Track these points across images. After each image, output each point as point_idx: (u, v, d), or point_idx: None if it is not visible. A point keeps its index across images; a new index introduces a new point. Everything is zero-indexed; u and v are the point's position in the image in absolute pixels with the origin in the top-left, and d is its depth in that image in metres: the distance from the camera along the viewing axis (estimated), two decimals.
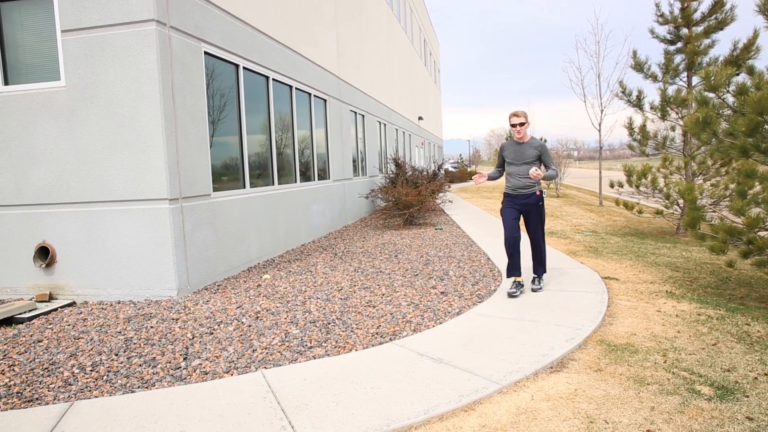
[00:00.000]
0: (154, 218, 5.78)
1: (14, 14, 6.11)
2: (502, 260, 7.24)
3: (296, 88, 9.74)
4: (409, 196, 11.66)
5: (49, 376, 3.86)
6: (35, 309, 5.68)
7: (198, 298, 5.78)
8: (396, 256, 8.00)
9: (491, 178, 5.76)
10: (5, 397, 3.54)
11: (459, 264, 7.19)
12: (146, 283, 5.88)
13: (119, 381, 3.72)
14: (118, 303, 5.79)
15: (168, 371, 3.86)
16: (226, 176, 7.19)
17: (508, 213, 5.53)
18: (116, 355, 4.20)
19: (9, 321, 5.34)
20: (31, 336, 4.79)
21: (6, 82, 6.14)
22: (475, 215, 13.78)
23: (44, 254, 6.09)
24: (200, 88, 6.50)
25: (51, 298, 6.07)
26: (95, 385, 3.67)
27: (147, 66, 5.69)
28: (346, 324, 4.72)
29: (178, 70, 6.01)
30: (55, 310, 5.68)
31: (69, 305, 5.87)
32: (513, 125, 5.46)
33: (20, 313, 5.46)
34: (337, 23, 12.47)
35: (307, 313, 5.05)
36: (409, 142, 23.74)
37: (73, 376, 3.84)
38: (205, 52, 6.67)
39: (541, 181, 5.58)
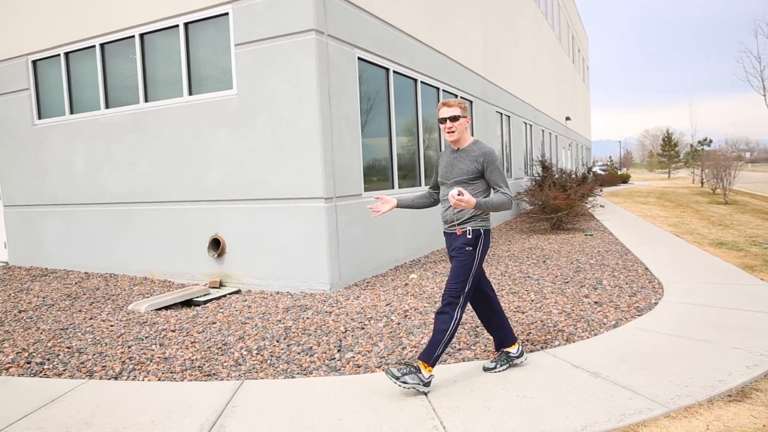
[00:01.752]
0: (310, 216, 6.15)
1: (197, 33, 6.85)
2: (662, 271, 6.65)
3: (443, 90, 9.79)
4: (557, 200, 11.18)
5: (222, 355, 4.26)
6: (208, 294, 6.33)
7: (349, 293, 6.05)
8: (544, 261, 7.71)
9: (402, 204, 3.84)
10: (189, 369, 3.98)
11: (613, 273, 6.74)
12: (302, 277, 6.27)
13: (281, 366, 4.01)
14: (277, 293, 6.24)
15: (324, 361, 4.07)
16: (375, 177, 7.44)
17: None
18: (277, 341, 4.53)
19: (189, 303, 6.00)
20: (206, 318, 5.33)
21: (190, 93, 6.91)
22: (629, 221, 12.84)
23: (216, 245, 6.76)
24: (354, 92, 6.79)
25: (221, 285, 6.72)
26: (261, 368, 3.99)
27: (306, 73, 6.06)
28: None
29: (334, 76, 6.33)
30: (225, 296, 6.28)
31: (235, 292, 6.45)
32: (441, 120, 3.58)
33: (197, 297, 6.12)
34: (483, 23, 12.34)
35: None
36: (555, 144, 22.80)
37: (242, 357, 4.21)
38: (359, 58, 6.96)
39: (479, 212, 3.51)
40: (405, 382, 3.33)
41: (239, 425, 3.09)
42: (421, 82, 8.84)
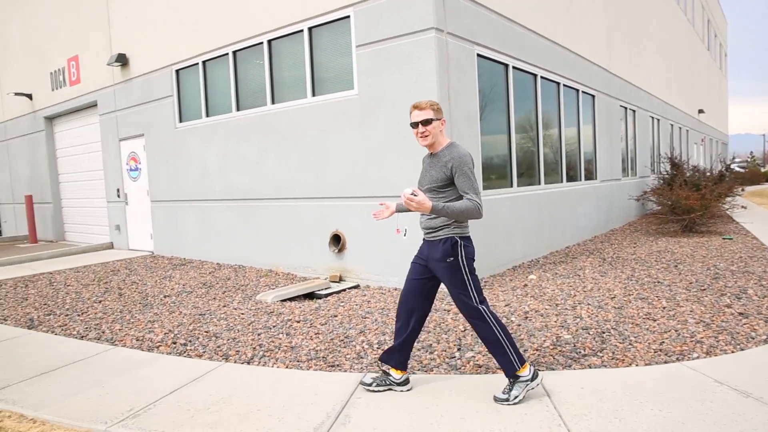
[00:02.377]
0: None
1: (320, 36, 7.13)
2: None
3: (564, 85, 9.41)
4: (690, 200, 10.32)
5: (345, 347, 4.41)
6: (329, 288, 6.58)
7: None
8: (675, 266, 7.16)
9: (400, 209, 3.64)
10: (314, 359, 4.17)
11: (760, 282, 6.10)
12: None
13: None
14: (395, 289, 6.35)
15: (444, 359, 4.07)
16: (494, 174, 7.32)
17: (411, 268, 3.57)
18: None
19: (311, 295, 6.28)
20: (328, 311, 5.55)
21: (313, 94, 7.22)
22: None
23: (337, 241, 7.00)
24: (473, 89, 6.72)
25: (341, 279, 6.95)
26: None
27: (426, 71, 6.09)
28: (623, 335, 4.38)
29: (454, 73, 6.31)
30: (344, 290, 6.49)
31: (354, 287, 6.65)
32: (413, 125, 3.32)
33: (319, 290, 6.39)
34: (607, 12, 11.67)
35: (578, 319, 4.83)
36: (686, 139, 21.06)
37: (363, 350, 4.33)
38: (478, 54, 6.87)
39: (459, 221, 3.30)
40: (516, 396, 3.25)
41: (363, 416, 3.18)
42: (541, 77, 8.56)
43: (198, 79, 8.93)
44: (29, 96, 13.52)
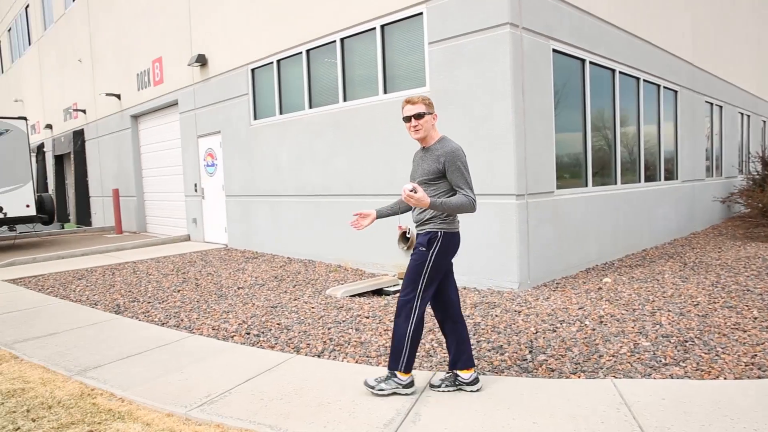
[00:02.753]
0: (500, 212, 6.07)
1: (392, 34, 7.15)
2: None
3: (643, 80, 8.98)
4: None
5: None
6: (397, 284, 6.60)
7: (538, 293, 5.86)
8: None
9: (382, 214, 3.72)
10: (384, 355, 4.19)
11: None
12: (489, 273, 6.22)
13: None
14: (464, 288, 6.28)
15: (515, 361, 3.99)
16: (568, 173, 7.09)
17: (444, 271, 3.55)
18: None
19: (379, 292, 6.33)
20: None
21: (384, 91, 7.25)
22: None
23: (405, 238, 7.01)
24: (548, 85, 6.53)
25: None
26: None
27: (500, 67, 5.97)
28: (709, 345, 4.13)
29: (529, 69, 6.15)
30: None
31: None
32: (405, 119, 3.39)
33: (387, 287, 6.42)
34: (692, 2, 11.03)
35: (658, 326, 4.60)
36: None
37: (433, 349, 4.31)
38: (553, 50, 6.67)
39: (446, 215, 3.36)
40: (382, 390, 3.41)
41: (433, 415, 3.16)
42: (620, 72, 8.20)
43: (272, 78, 9.17)
44: (118, 96, 14.36)
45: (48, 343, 4.88)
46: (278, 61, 9.02)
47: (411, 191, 3.12)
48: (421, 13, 6.72)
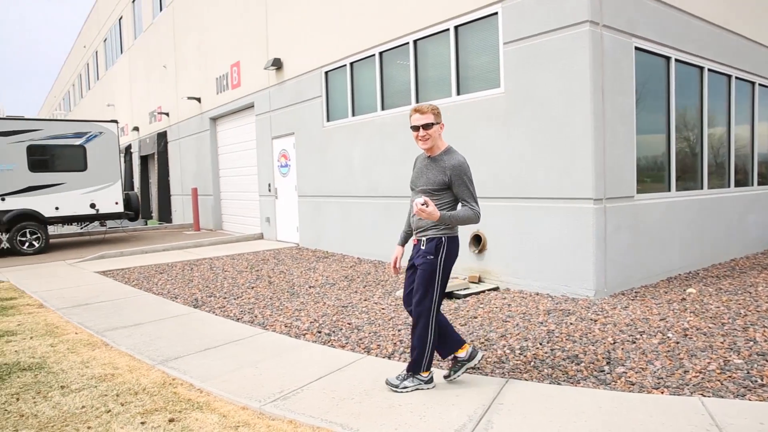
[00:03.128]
0: (577, 217, 5.86)
1: (466, 35, 7.07)
2: None
3: (735, 78, 8.42)
4: None
5: (486, 350, 4.33)
6: (468, 288, 6.51)
7: (615, 302, 5.61)
8: None
9: (405, 241, 3.92)
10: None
11: None
12: (563, 280, 6.02)
13: (545, 370, 3.89)
14: (536, 294, 6.11)
15: (591, 372, 3.83)
16: (649, 178, 6.76)
17: (407, 275, 3.72)
18: (540, 344, 4.42)
19: (450, 295, 6.26)
20: (467, 311, 5.49)
21: (458, 93, 7.18)
22: None
23: (477, 241, 6.91)
24: (629, 85, 6.25)
25: (480, 280, 6.85)
26: (524, 368, 3.93)
27: (578, 67, 5.77)
28: None
29: (609, 69, 5.91)
30: (483, 292, 6.38)
31: (493, 289, 6.51)
32: (413, 128, 3.46)
33: (458, 290, 6.35)
34: None
35: (752, 342, 4.29)
36: None
37: (505, 355, 4.21)
38: (636, 47, 6.37)
39: (448, 226, 3.46)
40: (405, 387, 3.53)
41: (506, 424, 3.08)
42: (708, 69, 7.73)
43: (345, 80, 9.30)
44: (198, 99, 15.04)
45: (134, 332, 5.17)
46: (351, 64, 9.14)
47: (423, 205, 3.24)
48: (495, 13, 6.61)
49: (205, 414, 3.36)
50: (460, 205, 3.49)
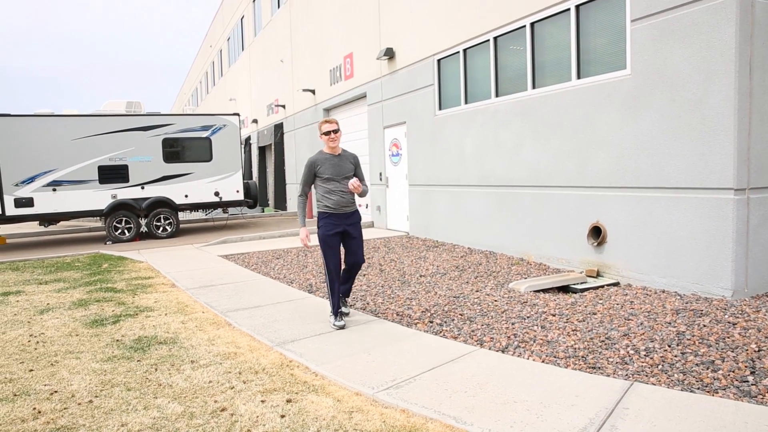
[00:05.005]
0: (712, 209, 5.32)
1: (588, 14, 6.64)
2: None
3: None
4: None
5: (606, 349, 4.06)
6: (585, 282, 6.17)
7: (759, 304, 5.03)
8: None
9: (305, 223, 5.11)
10: (572, 357, 3.93)
11: None
12: (695, 277, 5.51)
13: (676, 375, 3.57)
14: (663, 292, 5.65)
15: (731, 381, 3.46)
16: None
17: (335, 239, 4.93)
18: (669, 346, 4.07)
19: (565, 289, 5.97)
20: (585, 307, 5.19)
21: (578, 77, 6.78)
22: None
23: (596, 233, 6.52)
24: None
25: (598, 274, 6.47)
26: (650, 371, 3.64)
27: (721, 42, 5.20)
28: None
29: (760, 43, 5.26)
30: (602, 287, 6.01)
31: (614, 284, 6.11)
32: (326, 133, 4.85)
33: (574, 284, 6.04)
34: None
35: None
36: None
37: (628, 356, 3.92)
38: None
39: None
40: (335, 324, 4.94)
41: (632, 430, 2.86)
42: None
43: (458, 67, 9.15)
44: (313, 91, 15.56)
45: (254, 314, 5.45)
46: (464, 50, 8.96)
47: (357, 185, 4.81)
48: None
49: (320, 397, 3.45)
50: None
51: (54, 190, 11.76)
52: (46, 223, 12.73)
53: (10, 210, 11.45)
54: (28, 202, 11.58)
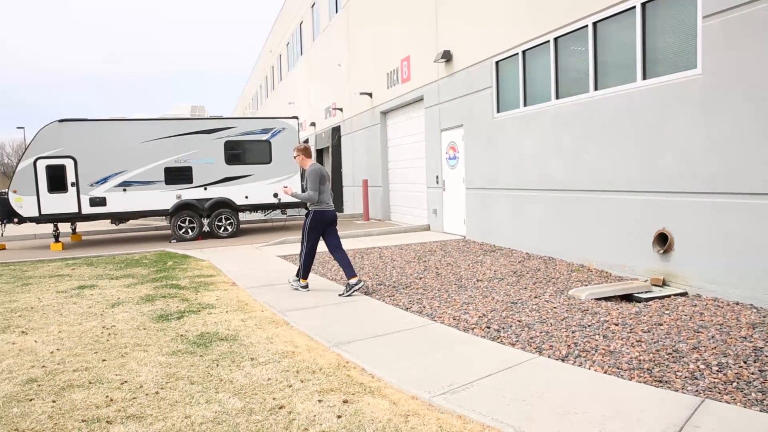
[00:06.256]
0: None
1: (656, 12, 6.38)
2: None
3: None
4: None
5: (674, 362, 3.88)
6: (650, 291, 5.93)
7: None
8: None
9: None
10: (637, 369, 3.77)
11: None
12: None
13: (753, 394, 3.36)
14: (736, 304, 5.35)
15: None
16: None
17: (318, 234, 6.56)
18: (744, 362, 3.84)
19: (629, 297, 5.76)
20: (650, 317, 4.98)
21: (644, 77, 6.53)
22: None
23: (662, 241, 6.25)
24: None
25: (664, 283, 6.20)
26: (724, 389, 3.44)
27: None
28: None
29: None
30: (668, 296, 5.76)
31: (681, 294, 5.84)
32: (294, 157, 6.94)
33: (638, 293, 5.81)
34: None
35: None
36: None
37: (699, 370, 3.73)
38: None
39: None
40: (294, 286, 6.84)
41: None
42: None
43: (517, 69, 8.99)
44: (370, 94, 15.68)
45: (311, 314, 5.53)
46: (524, 52, 8.80)
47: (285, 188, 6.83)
48: None
49: (376, 399, 3.46)
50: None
51: (124, 190, 12.36)
52: (117, 221, 13.39)
53: (86, 209, 12.13)
54: (102, 202, 12.22)
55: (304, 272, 6.59)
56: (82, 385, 3.82)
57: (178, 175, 12.77)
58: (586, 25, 7.39)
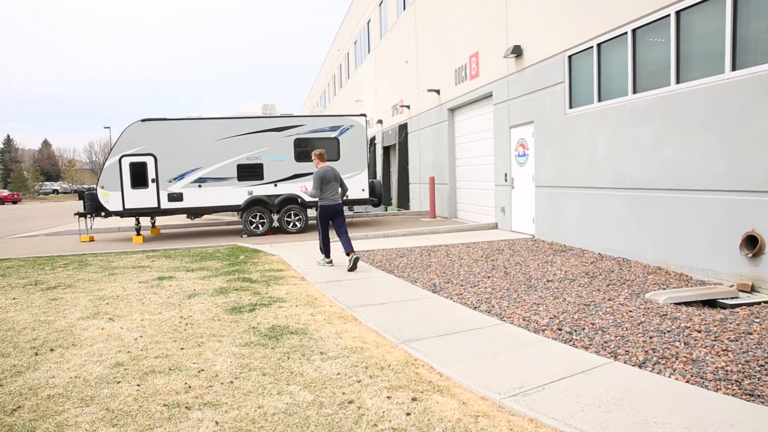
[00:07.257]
0: None
1: None
2: None
3: None
4: None
5: (767, 375, 3.63)
6: (737, 297, 5.57)
7: None
8: None
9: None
10: (724, 380, 3.56)
11: None
12: None
13: None
14: None
15: None
16: None
17: (325, 221, 8.33)
18: None
19: (712, 303, 5.43)
20: (738, 325, 4.68)
21: (733, 68, 6.14)
22: None
23: (752, 243, 5.85)
24: None
25: (752, 289, 5.81)
26: None
27: None
28: None
29: None
30: (759, 303, 5.39)
31: None
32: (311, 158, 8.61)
33: (723, 298, 5.48)
34: None
35: None
36: None
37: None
38: None
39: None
40: (319, 263, 8.51)
41: None
42: None
43: (591, 63, 8.67)
44: (437, 91, 15.58)
45: (379, 311, 5.56)
46: (598, 45, 8.47)
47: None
48: None
49: (445, 398, 3.43)
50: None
51: (199, 186, 12.90)
52: (192, 216, 14.00)
53: (164, 204, 12.76)
54: (179, 197, 12.82)
55: (325, 251, 8.25)
56: (163, 371, 4.01)
57: (249, 172, 13.19)
58: (668, 15, 7.02)
